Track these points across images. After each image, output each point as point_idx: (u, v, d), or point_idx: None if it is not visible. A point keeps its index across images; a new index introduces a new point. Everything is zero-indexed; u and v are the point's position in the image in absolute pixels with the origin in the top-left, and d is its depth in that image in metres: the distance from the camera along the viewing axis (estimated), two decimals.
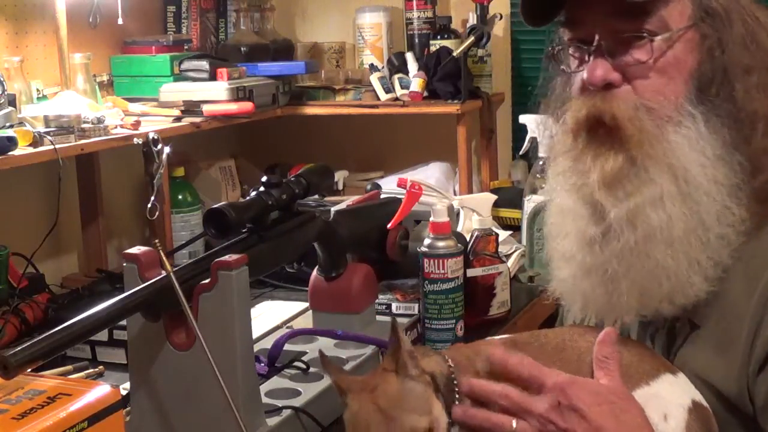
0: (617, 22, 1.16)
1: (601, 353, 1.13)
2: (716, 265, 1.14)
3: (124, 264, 1.32)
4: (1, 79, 2.03)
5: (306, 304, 1.80)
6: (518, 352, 1.17)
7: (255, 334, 1.51)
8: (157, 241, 1.26)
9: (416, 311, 1.78)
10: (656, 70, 1.16)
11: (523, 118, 2.57)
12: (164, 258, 1.23)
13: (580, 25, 1.20)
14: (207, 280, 1.28)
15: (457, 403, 1.14)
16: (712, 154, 1.14)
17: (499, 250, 1.96)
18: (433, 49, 2.73)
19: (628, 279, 1.16)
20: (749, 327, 1.13)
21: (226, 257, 1.29)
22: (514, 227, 2.49)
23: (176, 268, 1.32)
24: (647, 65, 1.15)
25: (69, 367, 1.65)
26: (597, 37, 1.17)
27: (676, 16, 1.16)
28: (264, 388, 1.43)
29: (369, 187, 2.46)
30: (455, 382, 1.16)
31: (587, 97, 1.18)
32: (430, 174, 2.70)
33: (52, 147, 1.94)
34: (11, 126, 1.95)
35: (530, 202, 2.28)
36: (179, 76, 2.49)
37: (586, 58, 1.19)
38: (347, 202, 1.96)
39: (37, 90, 2.22)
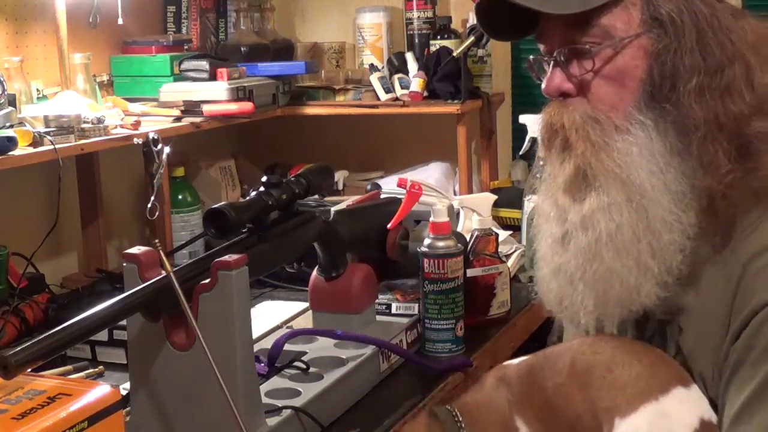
0: (569, 34, 1.20)
1: None
2: (669, 271, 1.16)
3: (124, 264, 1.32)
4: (1, 79, 2.03)
5: (306, 304, 1.80)
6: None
7: (255, 334, 1.51)
8: (157, 241, 1.26)
9: (416, 311, 1.78)
10: (602, 78, 1.19)
11: (523, 118, 2.57)
12: (164, 258, 1.23)
13: (544, 38, 1.24)
14: (207, 280, 1.28)
15: None
16: (662, 161, 1.16)
17: (499, 250, 1.96)
18: (433, 49, 2.73)
19: (583, 281, 1.19)
20: (722, 327, 1.14)
21: (226, 257, 1.29)
22: (514, 227, 2.49)
23: (176, 268, 1.32)
24: (591, 74, 1.18)
25: (69, 367, 1.65)
26: (556, 49, 1.21)
27: (620, 25, 1.18)
28: (264, 388, 1.43)
29: (369, 187, 2.46)
30: None
31: (549, 107, 1.23)
32: (430, 174, 2.70)
33: (52, 147, 1.94)
34: (11, 126, 1.95)
35: (530, 202, 2.28)
36: (179, 76, 2.49)
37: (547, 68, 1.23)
38: (347, 202, 1.96)
39: (37, 90, 2.22)
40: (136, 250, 1.33)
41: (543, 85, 1.22)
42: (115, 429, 1.14)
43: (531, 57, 1.27)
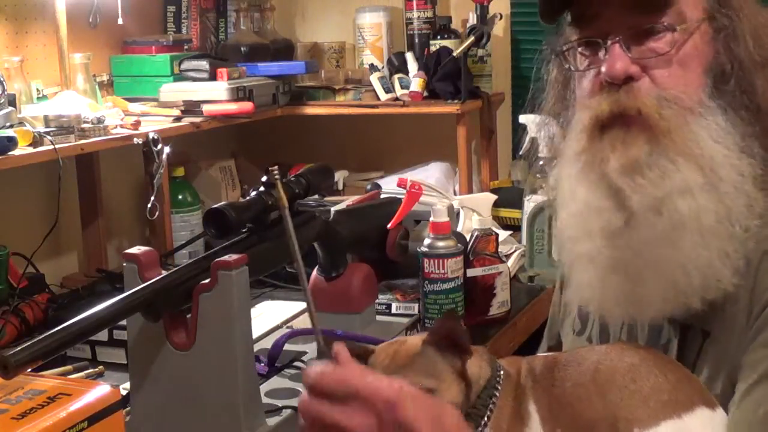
0: (634, 16, 1.15)
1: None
2: (743, 258, 1.11)
3: (124, 264, 1.32)
4: (1, 79, 2.03)
5: (306, 304, 1.80)
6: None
7: (255, 334, 1.51)
8: (275, 170, 1.15)
9: (416, 311, 1.78)
10: (676, 61, 1.15)
11: (523, 118, 2.57)
12: (281, 190, 1.13)
13: (593, 22, 1.18)
14: (207, 280, 1.28)
15: (489, 413, 1.11)
16: (734, 146, 1.12)
17: (499, 250, 1.96)
18: (433, 49, 2.73)
19: (655, 271, 1.13)
20: (744, 319, 1.11)
21: (226, 257, 1.29)
22: (514, 227, 2.49)
23: (176, 268, 1.32)
24: (668, 56, 1.14)
25: (69, 367, 1.65)
26: (614, 31, 1.15)
27: (691, 8, 1.16)
28: (264, 388, 1.43)
29: (369, 187, 2.46)
30: (496, 393, 1.14)
31: (608, 94, 1.16)
32: (430, 174, 2.70)
33: (52, 147, 1.94)
34: (11, 126, 1.95)
35: (530, 202, 2.28)
36: (179, 76, 2.49)
37: (602, 54, 1.17)
38: (347, 202, 1.96)
39: (37, 90, 2.22)
40: (136, 250, 1.32)
41: (604, 69, 1.15)
42: (115, 429, 1.14)
43: (564, 45, 1.21)
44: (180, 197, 2.47)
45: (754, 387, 1.07)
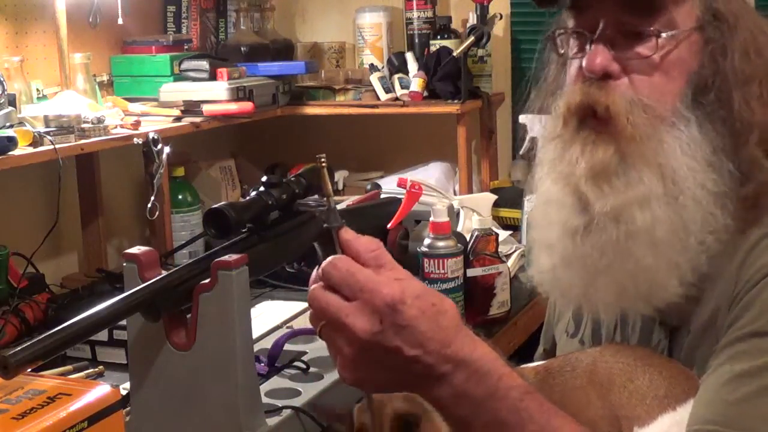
0: (625, 15, 1.14)
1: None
2: (693, 270, 1.13)
3: (124, 264, 1.32)
4: (1, 79, 2.03)
5: (306, 304, 1.79)
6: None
7: (255, 334, 1.51)
8: (322, 157, 1.15)
9: None
10: (658, 67, 1.14)
11: (523, 118, 2.57)
12: (326, 177, 1.12)
13: (585, 12, 1.17)
14: (207, 280, 1.28)
15: None
16: (702, 159, 1.12)
17: (499, 250, 1.96)
18: (433, 49, 2.73)
19: (606, 275, 1.15)
20: (723, 318, 1.12)
21: (226, 257, 1.29)
22: (514, 227, 2.49)
23: (176, 268, 1.32)
24: (650, 61, 1.14)
25: (69, 367, 1.65)
26: (601, 26, 1.15)
27: (684, 15, 1.15)
28: (264, 388, 1.43)
29: (369, 187, 2.46)
30: None
31: (583, 85, 1.16)
32: (430, 174, 2.70)
33: (52, 147, 1.94)
34: (11, 126, 1.95)
35: (530, 202, 2.28)
36: (179, 76, 2.49)
37: (588, 46, 1.16)
38: (347, 202, 1.96)
39: (37, 90, 2.22)
40: (136, 250, 1.32)
41: (584, 62, 1.15)
42: (115, 429, 1.14)
43: (557, 31, 1.20)
44: (180, 197, 2.47)
45: (716, 369, 1.08)
